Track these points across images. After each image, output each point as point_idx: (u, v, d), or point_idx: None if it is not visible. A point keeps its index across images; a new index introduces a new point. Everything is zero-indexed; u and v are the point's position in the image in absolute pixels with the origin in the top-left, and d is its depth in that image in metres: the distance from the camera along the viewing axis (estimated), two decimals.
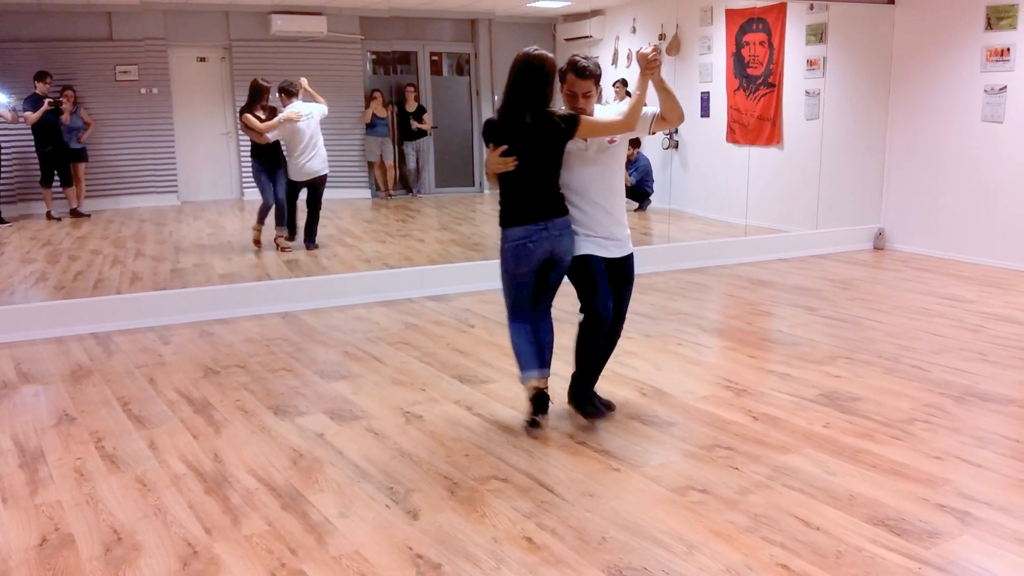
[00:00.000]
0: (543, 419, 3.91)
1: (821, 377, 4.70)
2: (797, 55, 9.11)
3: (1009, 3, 7.30)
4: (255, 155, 8.23)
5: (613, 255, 3.95)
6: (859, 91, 8.72)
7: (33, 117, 8.31)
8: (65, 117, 8.62)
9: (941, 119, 8.02)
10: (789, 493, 3.29)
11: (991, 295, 6.58)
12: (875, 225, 8.73)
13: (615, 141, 3.88)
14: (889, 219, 8.68)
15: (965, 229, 7.90)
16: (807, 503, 3.21)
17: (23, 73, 8.41)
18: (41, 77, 8.36)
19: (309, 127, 8.01)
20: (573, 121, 3.73)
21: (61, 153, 8.66)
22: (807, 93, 9.06)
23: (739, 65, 9.71)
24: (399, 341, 5.52)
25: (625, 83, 10.31)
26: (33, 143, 8.52)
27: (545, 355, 3.96)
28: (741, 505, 3.20)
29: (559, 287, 4.01)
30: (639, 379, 4.69)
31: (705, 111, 10.22)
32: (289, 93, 8.04)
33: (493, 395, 4.46)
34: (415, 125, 10.93)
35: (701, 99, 10.22)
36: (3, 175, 8.51)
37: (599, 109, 3.90)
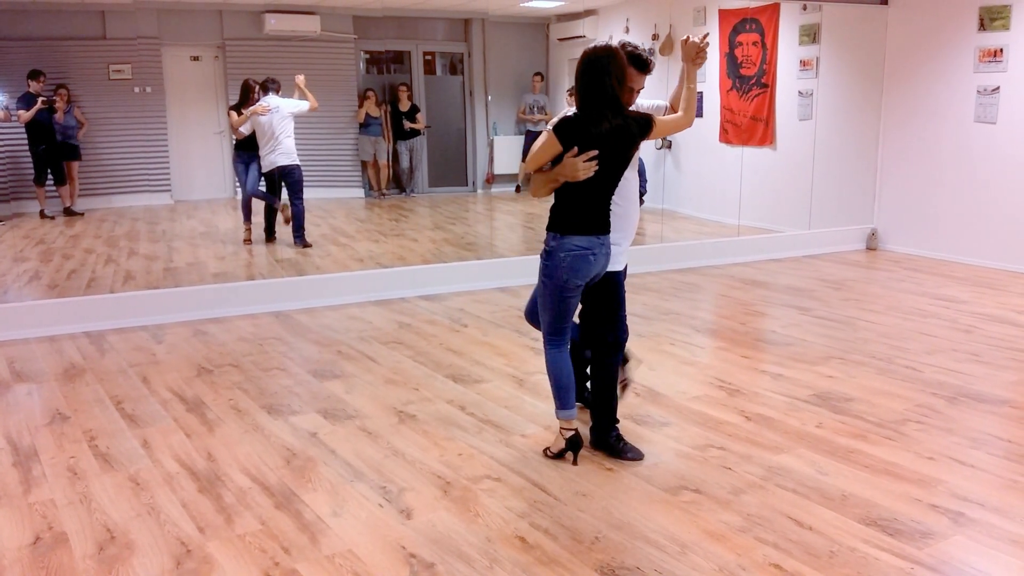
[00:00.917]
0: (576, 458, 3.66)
1: (814, 377, 4.71)
2: (790, 55, 9.13)
3: (1002, 4, 7.33)
4: (236, 148, 8.54)
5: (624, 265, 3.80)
6: (852, 92, 8.74)
7: (26, 116, 8.29)
8: (59, 116, 8.60)
9: (934, 120, 8.05)
10: (782, 493, 3.30)
11: (984, 296, 6.60)
12: (868, 225, 8.76)
13: None
14: (882, 220, 8.71)
15: (958, 230, 7.93)
16: (800, 503, 3.22)
17: (16, 71, 8.38)
18: (35, 75, 8.33)
19: (271, 120, 8.08)
20: (648, 124, 3.49)
21: (54, 152, 8.64)
22: (800, 93, 9.08)
23: (732, 65, 9.72)
24: (392, 340, 5.51)
25: None
26: (26, 141, 8.51)
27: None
28: (734, 505, 3.21)
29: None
30: (632, 380, 4.69)
31: (698, 111, 10.19)
32: (265, 88, 8.19)
33: (486, 394, 4.47)
34: (408, 125, 10.93)
35: None
36: None
37: None
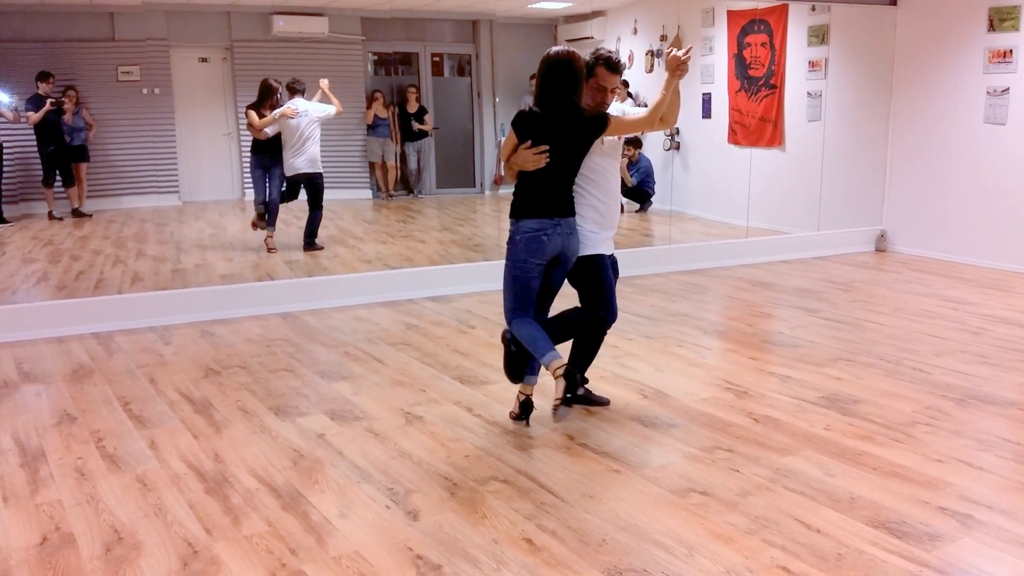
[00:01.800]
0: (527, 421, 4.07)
1: (822, 379, 4.69)
2: (799, 56, 9.11)
3: (1012, 4, 7.30)
4: (254, 151, 8.37)
5: (611, 251, 4.11)
6: (861, 92, 8.72)
7: (35, 117, 8.32)
8: (67, 117, 8.62)
9: (943, 121, 8.02)
10: (790, 495, 3.29)
11: (993, 297, 6.57)
12: (877, 227, 8.73)
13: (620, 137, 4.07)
14: (891, 221, 8.68)
15: (967, 231, 7.90)
16: (808, 505, 3.21)
17: (25, 73, 8.41)
18: (43, 77, 8.36)
19: (300, 125, 8.05)
20: (604, 120, 3.84)
21: (63, 153, 8.67)
22: (809, 94, 9.05)
23: (740, 66, 9.70)
24: (400, 342, 5.52)
25: (627, 83, 10.30)
26: (35, 143, 8.53)
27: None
28: (742, 507, 3.20)
29: (558, 292, 4.04)
30: (640, 381, 4.69)
31: (707, 112, 10.22)
32: (292, 90, 8.12)
33: (493, 396, 4.46)
34: (416, 126, 10.93)
35: (702, 100, 10.21)
36: (5, 175, 8.51)
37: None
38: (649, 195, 10.68)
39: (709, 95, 10.18)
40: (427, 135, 11.08)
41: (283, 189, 8.35)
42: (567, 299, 4.15)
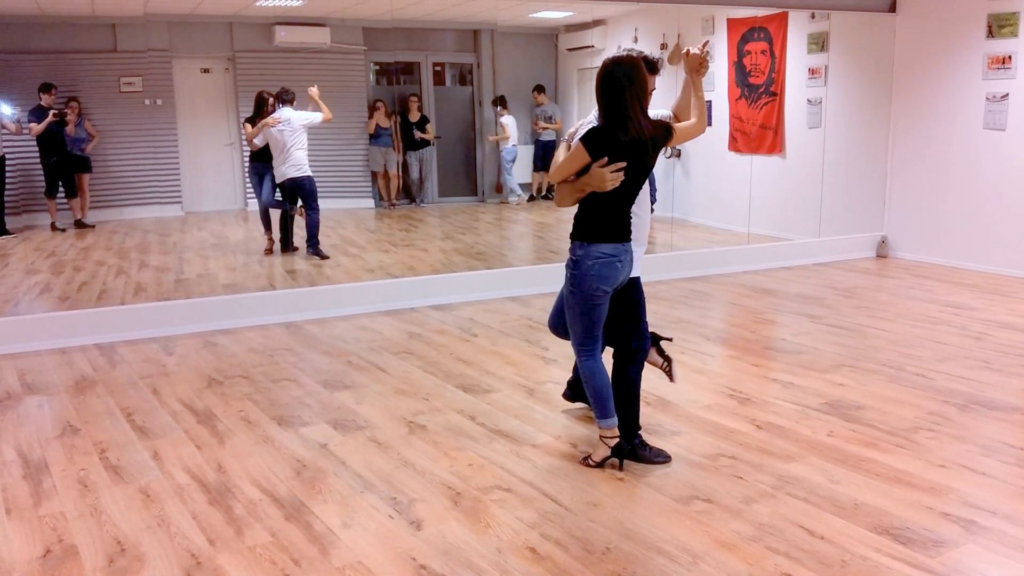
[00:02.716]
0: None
1: (825, 386, 4.69)
2: (799, 64, 9.12)
3: (1010, 11, 7.31)
4: (251, 159, 8.57)
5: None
6: (861, 99, 8.73)
7: (38, 128, 8.35)
8: (70, 128, 8.65)
9: (943, 127, 8.03)
10: (793, 502, 3.29)
11: (995, 303, 6.56)
12: (878, 233, 8.73)
13: None
14: (892, 227, 8.68)
15: (968, 237, 7.89)
16: (811, 512, 3.20)
17: (28, 84, 8.45)
18: (46, 88, 8.40)
19: (283, 133, 8.10)
20: (669, 131, 3.51)
21: (65, 164, 8.70)
22: (809, 102, 9.06)
23: (741, 74, 9.72)
24: (402, 351, 5.52)
25: None
26: (38, 155, 8.56)
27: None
28: (745, 514, 3.19)
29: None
30: (643, 388, 4.67)
31: (708, 120, 10.21)
32: (280, 99, 8.20)
33: (496, 405, 4.46)
34: (418, 135, 10.96)
35: None
36: (8, 186, 8.54)
37: None
38: (651, 202, 10.68)
39: (710, 103, 10.12)
40: (429, 144, 11.11)
41: (278, 197, 8.49)
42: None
